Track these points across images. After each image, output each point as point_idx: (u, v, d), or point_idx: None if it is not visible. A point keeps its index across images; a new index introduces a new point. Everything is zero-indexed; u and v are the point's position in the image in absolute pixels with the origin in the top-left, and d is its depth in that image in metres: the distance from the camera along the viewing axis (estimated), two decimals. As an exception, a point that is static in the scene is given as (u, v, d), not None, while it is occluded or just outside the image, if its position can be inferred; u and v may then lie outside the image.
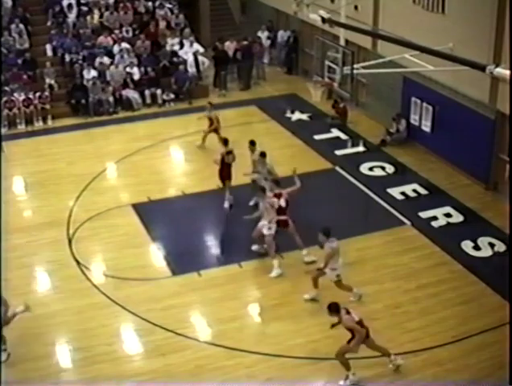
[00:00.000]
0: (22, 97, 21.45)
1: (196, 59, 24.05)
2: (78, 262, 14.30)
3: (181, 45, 24.66)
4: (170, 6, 25.99)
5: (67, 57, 23.27)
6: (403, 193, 17.03)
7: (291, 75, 25.99)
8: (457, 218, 15.84)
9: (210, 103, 19.99)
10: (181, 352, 11.73)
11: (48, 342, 12.04)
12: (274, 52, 26.83)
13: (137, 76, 23.18)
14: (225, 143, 16.66)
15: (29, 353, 11.65)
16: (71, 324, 12.53)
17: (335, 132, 20.75)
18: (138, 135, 20.77)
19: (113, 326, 12.46)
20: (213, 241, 15.38)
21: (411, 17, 18.47)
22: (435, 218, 15.81)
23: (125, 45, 23.75)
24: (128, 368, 11.45)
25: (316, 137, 20.39)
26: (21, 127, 21.42)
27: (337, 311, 10.65)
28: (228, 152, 16.40)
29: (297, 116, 22.05)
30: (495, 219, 15.61)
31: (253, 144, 16.32)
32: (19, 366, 11.35)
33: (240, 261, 14.23)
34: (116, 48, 23.65)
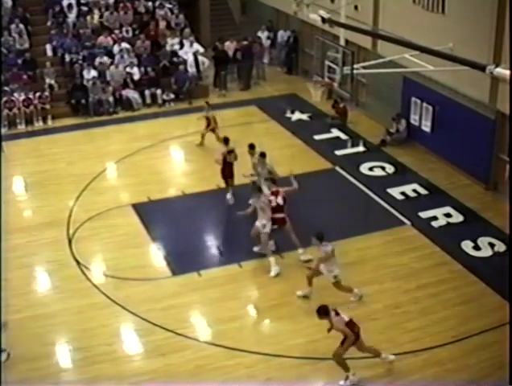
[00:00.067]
0: (22, 97, 21.46)
1: (196, 59, 24.05)
2: (78, 262, 14.30)
3: (181, 45, 24.66)
4: (170, 6, 26.00)
5: (67, 57, 23.28)
6: (403, 193, 17.02)
7: (291, 75, 25.98)
8: (457, 218, 15.84)
9: (207, 102, 20.00)
10: (181, 352, 11.73)
11: (48, 342, 12.04)
12: (274, 52, 26.84)
13: (137, 76, 23.18)
14: (226, 142, 16.65)
15: (29, 353, 11.64)
16: (71, 324, 12.53)
17: (335, 132, 20.74)
18: (138, 135, 20.77)
19: (113, 326, 12.46)
20: (213, 241, 15.38)
21: (411, 17, 18.47)
22: (435, 218, 15.80)
23: (125, 45, 23.76)
24: (128, 368, 11.45)
25: (316, 137, 20.38)
26: (21, 127, 21.43)
27: (326, 314, 10.57)
28: (229, 151, 16.39)
29: (297, 116, 22.04)
30: (495, 219, 15.61)
31: (252, 148, 16.14)
32: (19, 366, 11.34)
33: (240, 261, 14.23)
34: (116, 48, 23.65)
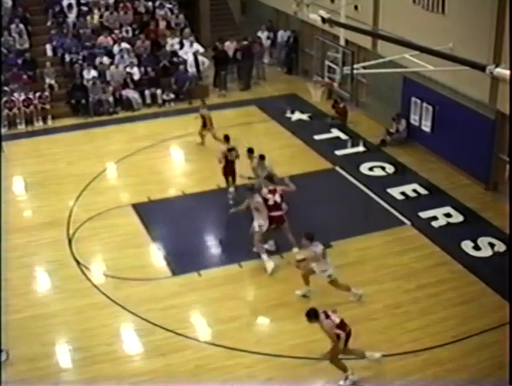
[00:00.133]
0: (22, 97, 21.45)
1: (196, 59, 24.04)
2: (78, 262, 14.29)
3: (181, 45, 24.66)
4: (170, 6, 26.00)
5: (67, 57, 23.28)
6: (403, 193, 17.02)
7: (291, 75, 25.97)
8: (457, 218, 15.83)
9: (203, 101, 19.99)
10: (181, 352, 11.73)
11: (48, 342, 12.04)
12: (274, 52, 26.86)
13: (137, 76, 23.18)
14: (227, 140, 16.61)
15: (29, 353, 11.64)
16: (71, 324, 12.53)
17: (335, 132, 20.74)
18: (138, 135, 20.77)
19: (113, 326, 12.46)
20: (213, 241, 15.37)
21: (411, 17, 18.47)
22: (435, 218, 15.80)
23: (125, 45, 23.76)
24: (128, 368, 11.45)
25: (316, 137, 20.37)
26: (21, 127, 21.43)
27: (316, 317, 10.47)
28: (229, 149, 16.36)
29: (297, 116, 22.03)
30: (495, 219, 15.60)
31: (251, 152, 15.97)
32: (19, 366, 11.34)
33: (240, 261, 14.22)
34: (116, 48, 23.65)
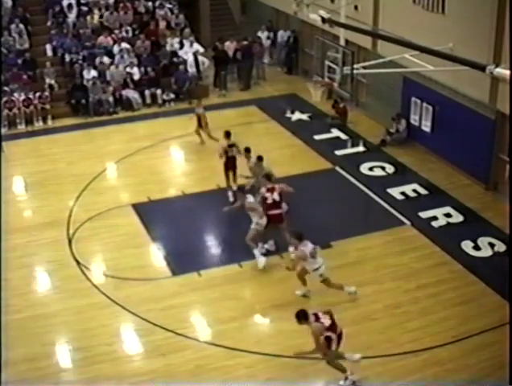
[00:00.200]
0: (22, 97, 21.45)
1: (196, 59, 24.04)
2: (78, 262, 14.29)
3: (181, 45, 24.66)
4: (170, 6, 26.00)
5: (67, 57, 23.28)
6: (403, 193, 17.01)
7: (291, 75, 25.97)
8: (457, 218, 15.83)
9: (200, 101, 19.98)
10: (181, 352, 11.72)
11: (48, 342, 12.03)
12: (274, 52, 26.85)
13: (137, 76, 23.17)
14: (228, 136, 16.59)
15: (29, 353, 11.64)
16: (71, 324, 12.53)
17: (335, 132, 20.73)
18: (138, 135, 20.76)
19: (113, 326, 12.45)
20: (213, 241, 15.37)
21: (411, 17, 18.46)
22: (435, 218, 15.79)
23: (125, 45, 23.75)
24: (128, 368, 11.44)
25: (316, 137, 20.36)
26: (21, 127, 21.42)
27: (306, 318, 10.36)
28: (230, 145, 16.34)
29: (297, 116, 22.03)
30: (495, 219, 15.59)
31: (248, 151, 16.04)
32: (19, 366, 11.33)
33: (240, 261, 14.21)
34: (116, 48, 23.65)
